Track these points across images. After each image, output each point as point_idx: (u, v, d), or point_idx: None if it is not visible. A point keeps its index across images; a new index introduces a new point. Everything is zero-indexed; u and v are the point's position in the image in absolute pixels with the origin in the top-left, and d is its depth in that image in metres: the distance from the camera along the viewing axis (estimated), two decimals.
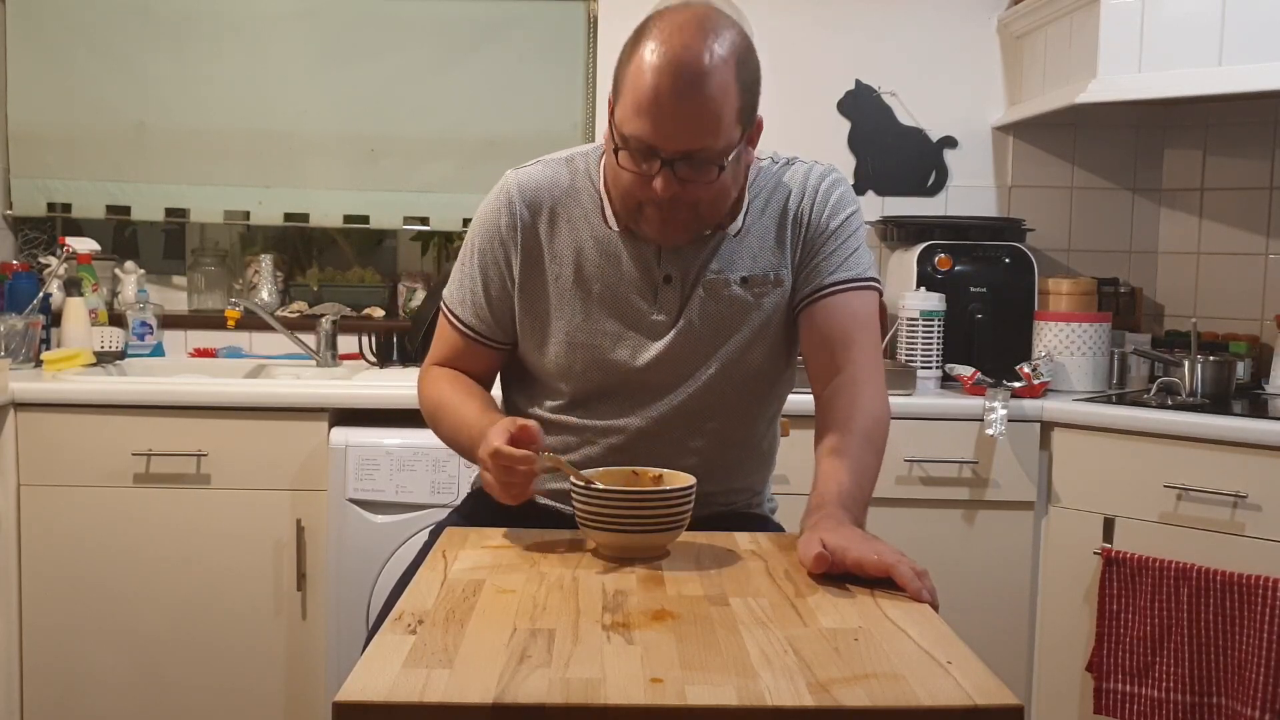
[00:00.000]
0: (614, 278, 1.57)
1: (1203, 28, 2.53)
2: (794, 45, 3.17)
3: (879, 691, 0.96)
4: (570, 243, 1.58)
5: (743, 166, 1.57)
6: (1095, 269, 3.17)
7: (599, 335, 1.58)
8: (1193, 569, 2.30)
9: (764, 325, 1.59)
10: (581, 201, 1.59)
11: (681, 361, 1.58)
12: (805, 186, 1.62)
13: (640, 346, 1.58)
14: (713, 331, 1.57)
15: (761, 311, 1.58)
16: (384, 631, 1.10)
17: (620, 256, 1.57)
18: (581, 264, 1.58)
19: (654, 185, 1.44)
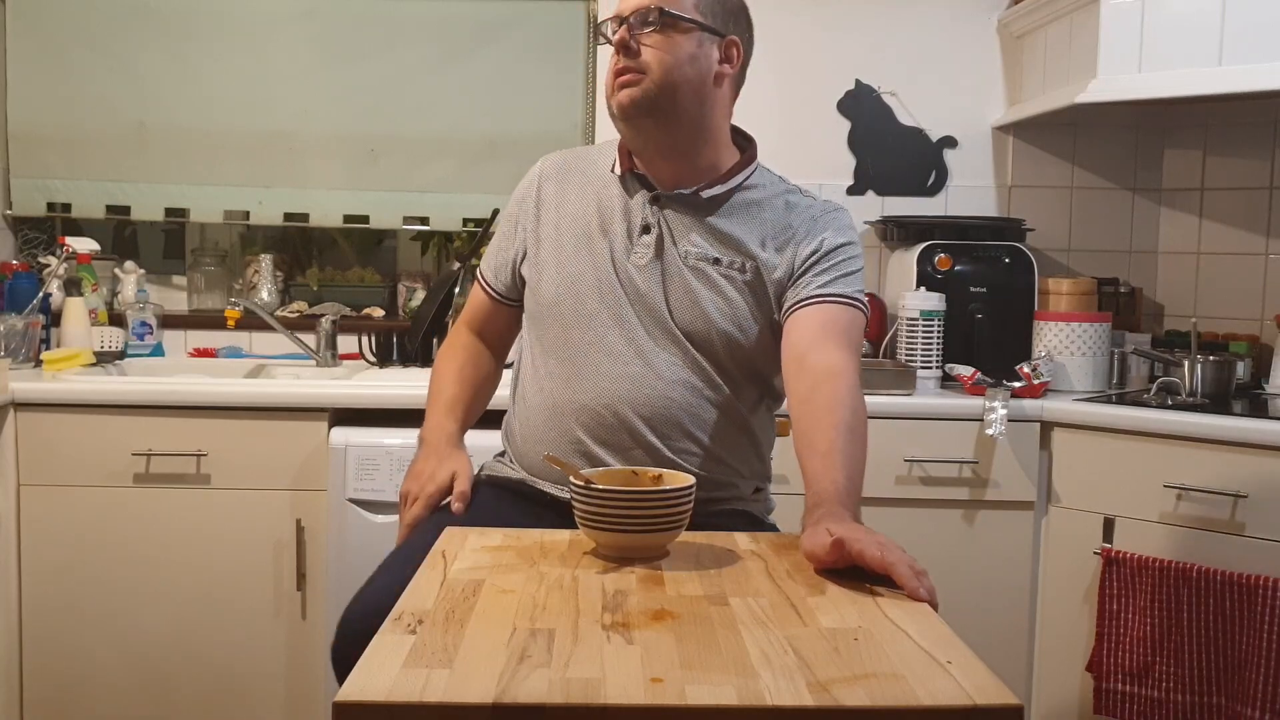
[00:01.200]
0: (603, 220, 1.70)
1: (1203, 28, 2.53)
2: (794, 45, 3.17)
3: (879, 691, 0.96)
4: (577, 195, 1.75)
5: (707, 65, 1.67)
6: (1095, 269, 3.17)
7: (585, 276, 1.70)
8: (1193, 569, 2.30)
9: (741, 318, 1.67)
10: (598, 164, 1.77)
11: (652, 311, 1.67)
12: (814, 213, 1.72)
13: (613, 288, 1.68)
14: (679, 296, 1.67)
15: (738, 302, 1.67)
16: (384, 631, 1.10)
17: (615, 201, 1.71)
18: (581, 211, 1.73)
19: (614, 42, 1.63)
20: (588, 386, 1.68)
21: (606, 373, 1.67)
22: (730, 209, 1.70)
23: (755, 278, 1.67)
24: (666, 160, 1.69)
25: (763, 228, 1.69)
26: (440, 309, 2.99)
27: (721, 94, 1.71)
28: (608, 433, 1.66)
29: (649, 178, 1.70)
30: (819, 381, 1.54)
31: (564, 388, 1.69)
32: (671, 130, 1.65)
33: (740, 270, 1.67)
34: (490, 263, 1.86)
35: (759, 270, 1.67)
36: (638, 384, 1.66)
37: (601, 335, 1.68)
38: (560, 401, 1.70)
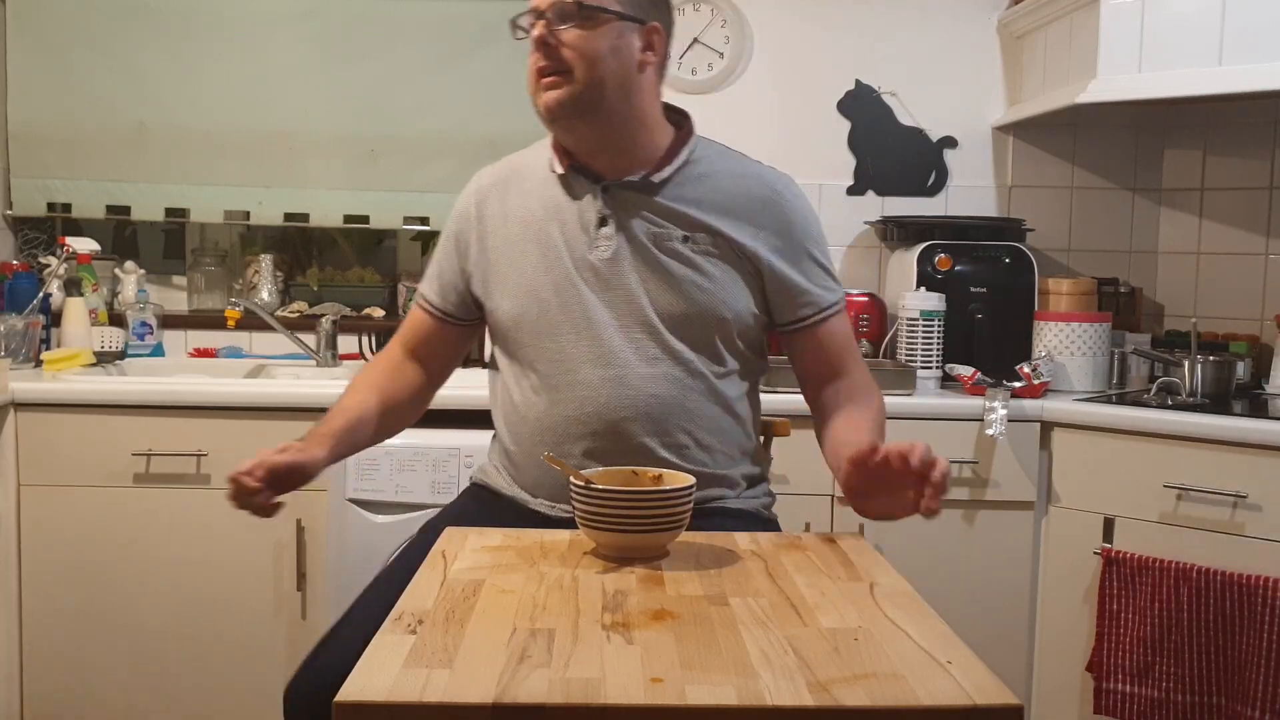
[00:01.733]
0: (555, 224, 1.66)
1: (1203, 28, 2.53)
2: (794, 45, 3.17)
3: (879, 691, 0.96)
4: (520, 204, 1.70)
5: (630, 55, 1.61)
6: (1095, 269, 3.17)
7: (545, 285, 1.65)
8: (1193, 569, 2.30)
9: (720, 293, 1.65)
10: (536, 167, 1.73)
11: (622, 305, 1.64)
12: (778, 187, 1.72)
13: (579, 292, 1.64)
14: (653, 283, 1.64)
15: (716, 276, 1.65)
16: (384, 631, 1.10)
17: (562, 201, 1.67)
18: (528, 218, 1.69)
19: (532, 38, 1.59)
20: (571, 399, 1.63)
21: (585, 380, 1.63)
22: (682, 186, 1.66)
23: (729, 251, 1.65)
24: (604, 152, 1.65)
25: (721, 199, 1.66)
26: None
27: (647, 80, 1.65)
28: (600, 441, 1.63)
29: (592, 169, 1.66)
30: (848, 390, 1.75)
31: (548, 405, 1.65)
32: (602, 126, 1.62)
33: (713, 245, 1.64)
34: (433, 283, 1.80)
35: (730, 243, 1.65)
36: (621, 386, 1.62)
37: (574, 343, 1.64)
38: (547, 420, 1.65)
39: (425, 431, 2.47)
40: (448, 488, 2.46)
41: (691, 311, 1.63)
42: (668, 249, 1.63)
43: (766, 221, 1.67)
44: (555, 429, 1.65)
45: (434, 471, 2.46)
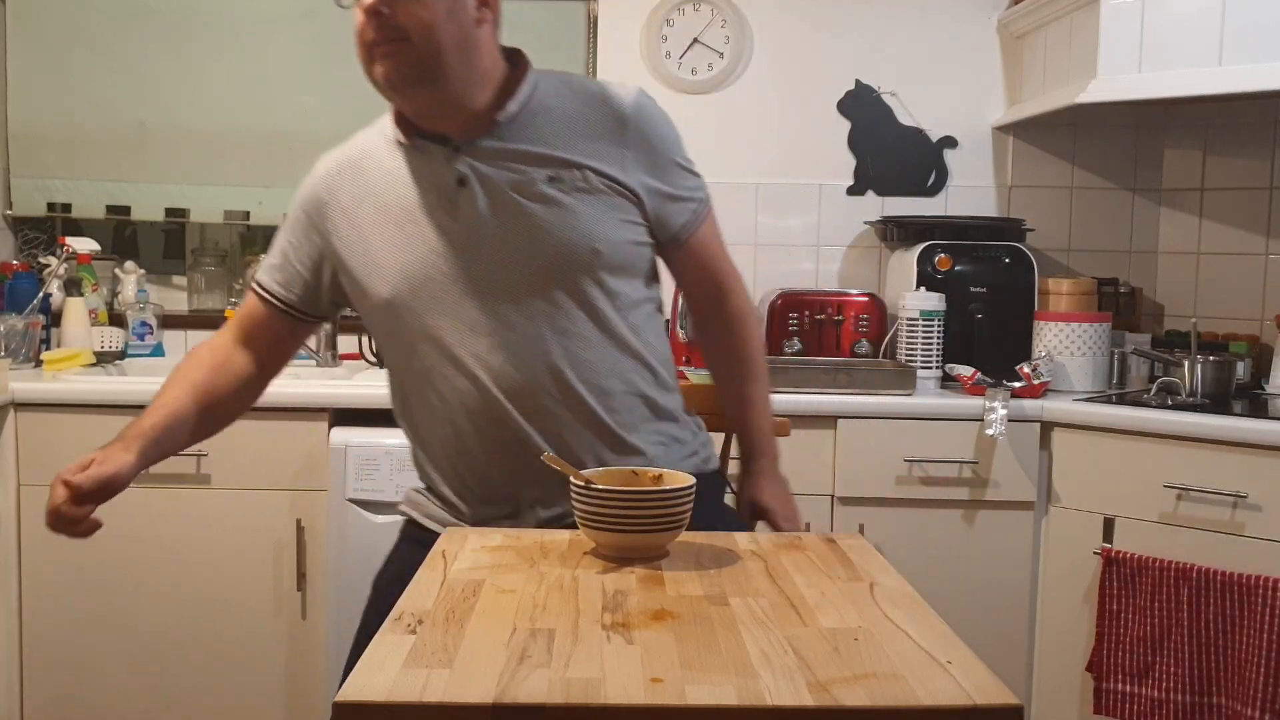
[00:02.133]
0: (413, 198, 1.57)
1: (1203, 28, 2.53)
2: (794, 45, 3.17)
3: (879, 691, 0.96)
4: (371, 184, 1.61)
5: (466, 15, 1.51)
6: (1095, 269, 3.17)
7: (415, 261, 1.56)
8: (1193, 569, 2.30)
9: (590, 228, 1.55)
10: (380, 143, 1.63)
11: (496, 263, 1.54)
12: (631, 102, 1.61)
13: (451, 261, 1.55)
14: (522, 234, 1.54)
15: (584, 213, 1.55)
16: (384, 631, 1.10)
17: (415, 172, 1.58)
18: (384, 197, 1.59)
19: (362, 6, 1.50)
20: (458, 380, 1.56)
21: (470, 355, 1.55)
22: (532, 125, 1.56)
23: (598, 181, 1.55)
24: (449, 115, 1.55)
25: (578, 129, 1.56)
26: None
27: (485, 35, 1.55)
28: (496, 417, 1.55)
29: (440, 133, 1.56)
30: (727, 323, 1.76)
31: (437, 393, 1.58)
32: (443, 90, 1.51)
33: (582, 179, 1.54)
34: (276, 273, 1.70)
35: (598, 174, 1.55)
36: (508, 353, 1.54)
37: (452, 318, 1.55)
38: (443, 411, 1.58)
39: None
40: None
41: (569, 254, 1.53)
42: (532, 194, 1.53)
43: (630, 140, 1.58)
44: (450, 415, 1.58)
45: None
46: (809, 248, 3.19)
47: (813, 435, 2.56)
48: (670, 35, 3.14)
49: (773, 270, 3.18)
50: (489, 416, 1.56)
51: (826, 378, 2.64)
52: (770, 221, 3.19)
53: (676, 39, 3.14)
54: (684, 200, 1.66)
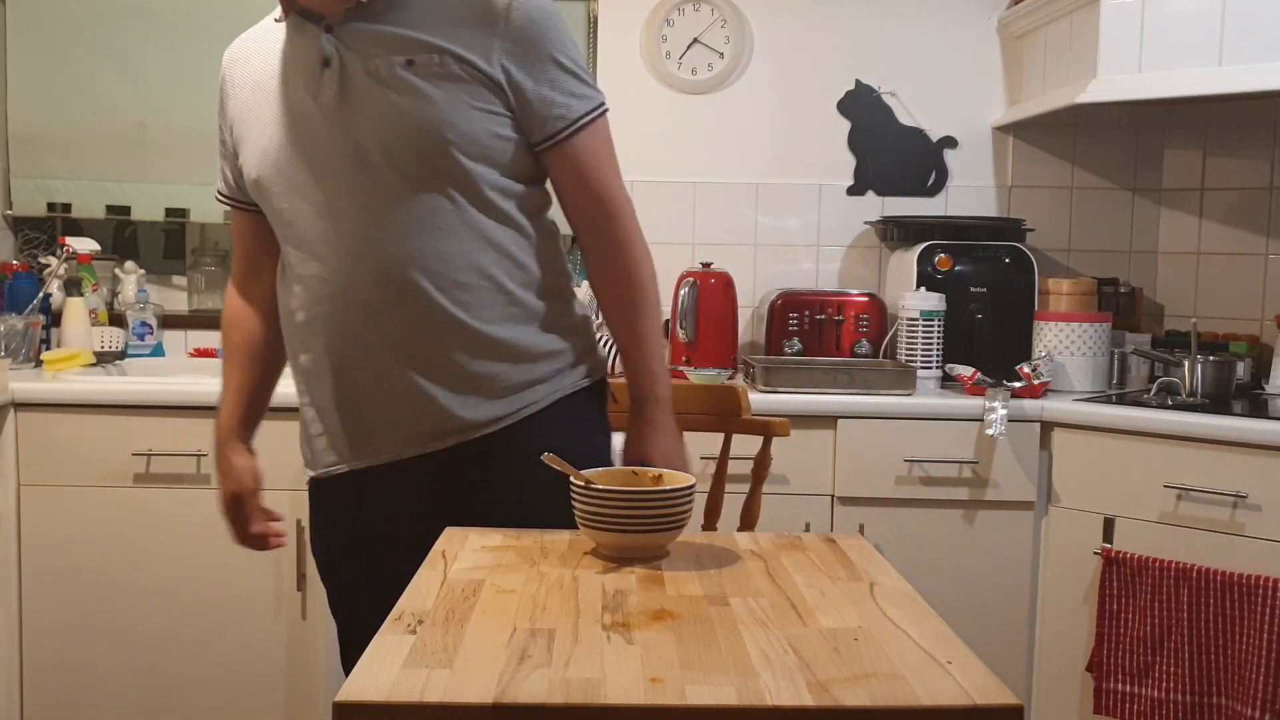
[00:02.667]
0: (283, 77, 1.56)
1: (1203, 28, 2.53)
2: (794, 45, 3.17)
3: (879, 691, 0.96)
4: (257, 65, 1.62)
5: None
6: (1095, 269, 3.17)
7: (275, 140, 1.56)
8: (1193, 569, 2.30)
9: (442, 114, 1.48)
10: (269, 26, 1.63)
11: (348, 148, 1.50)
12: None
13: (306, 143, 1.53)
14: (374, 119, 1.49)
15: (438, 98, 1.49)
16: (384, 631, 1.10)
17: (290, 51, 1.56)
18: (262, 77, 1.60)
19: None
20: (311, 271, 1.54)
21: (320, 240, 1.52)
22: (405, 7, 1.51)
23: (459, 68, 1.48)
24: None
25: (449, 13, 1.50)
26: None
27: None
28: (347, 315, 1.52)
29: (314, 12, 1.53)
30: (611, 251, 1.61)
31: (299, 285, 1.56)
32: None
33: (440, 65, 1.48)
34: (221, 176, 1.76)
35: (459, 60, 1.49)
36: (358, 241, 1.50)
37: (307, 203, 1.53)
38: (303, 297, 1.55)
39: None
40: None
41: (419, 141, 1.48)
42: (387, 78, 1.48)
43: (501, 29, 1.49)
44: (301, 306, 1.56)
45: None
46: (809, 248, 3.19)
47: (813, 435, 2.56)
48: (670, 35, 3.14)
49: (773, 270, 3.18)
50: (331, 307, 1.53)
51: (826, 378, 2.64)
52: (770, 221, 3.19)
53: (676, 39, 3.14)
54: (556, 102, 1.52)
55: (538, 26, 1.51)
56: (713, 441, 2.16)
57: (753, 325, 3.16)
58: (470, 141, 1.49)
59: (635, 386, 1.63)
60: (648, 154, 3.16)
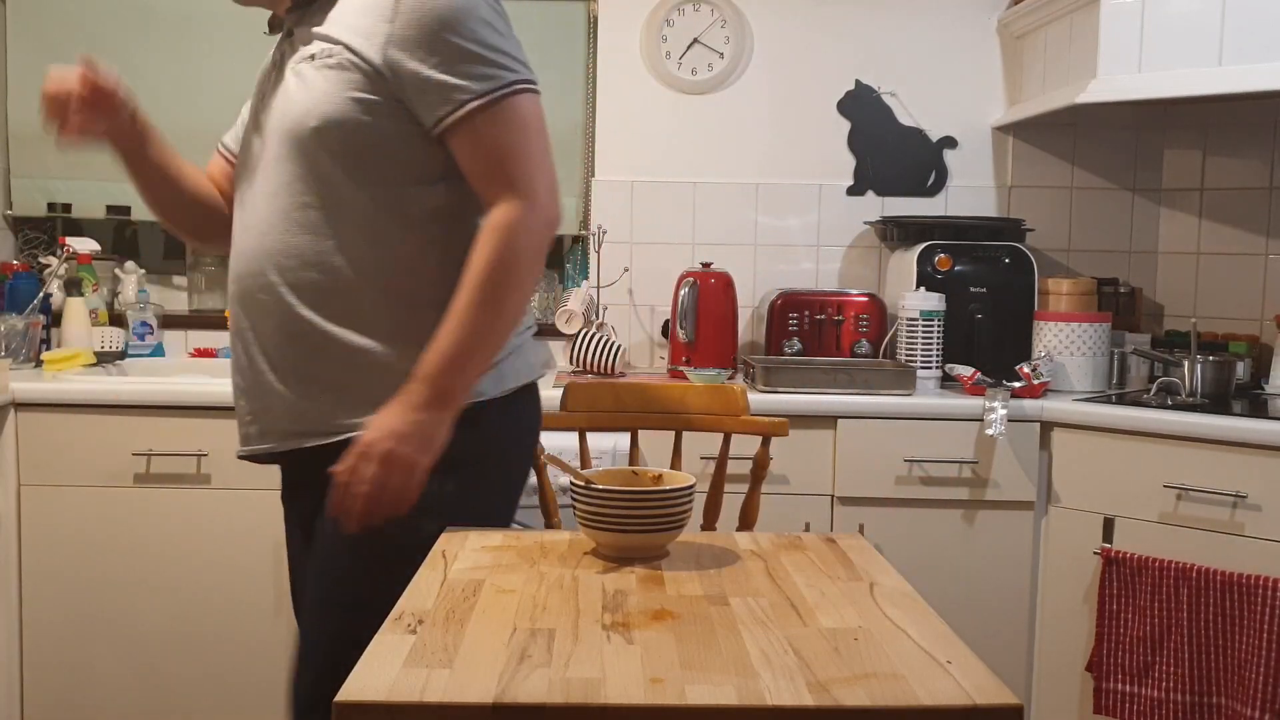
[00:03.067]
0: (261, 78, 1.64)
1: (1203, 28, 2.53)
2: (794, 45, 3.17)
3: (879, 691, 0.96)
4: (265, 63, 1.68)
5: None
6: (1095, 269, 3.17)
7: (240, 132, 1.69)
8: (1193, 569, 2.30)
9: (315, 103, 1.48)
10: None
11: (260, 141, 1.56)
12: None
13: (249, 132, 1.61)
14: (278, 112, 1.54)
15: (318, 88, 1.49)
16: (384, 631, 1.10)
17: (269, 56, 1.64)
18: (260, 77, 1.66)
19: None
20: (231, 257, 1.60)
21: (236, 233, 1.57)
22: (331, 6, 1.53)
23: (344, 58, 1.47)
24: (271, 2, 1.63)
25: (357, 6, 1.50)
26: None
27: None
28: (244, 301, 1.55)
29: (279, 17, 1.64)
30: (484, 229, 1.47)
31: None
32: None
33: (331, 55, 1.48)
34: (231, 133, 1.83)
35: (347, 49, 1.47)
36: (245, 234, 1.55)
37: (240, 192, 1.60)
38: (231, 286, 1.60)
39: None
40: None
41: (295, 130, 1.49)
42: (294, 71, 1.53)
43: (399, 16, 1.45)
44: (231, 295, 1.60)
45: None
46: (809, 248, 3.20)
47: (813, 435, 2.56)
48: (670, 35, 3.14)
49: (773, 270, 3.18)
50: (231, 293, 1.58)
51: (826, 378, 2.64)
52: (770, 221, 3.19)
53: (676, 39, 3.14)
54: (448, 84, 1.45)
55: (432, 12, 1.44)
56: (712, 441, 2.17)
57: (753, 325, 3.16)
58: (340, 130, 1.46)
59: (423, 358, 1.46)
60: (648, 154, 3.16)
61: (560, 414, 2.12)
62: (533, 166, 1.48)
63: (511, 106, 1.47)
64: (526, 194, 1.46)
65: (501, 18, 1.52)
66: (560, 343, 3.16)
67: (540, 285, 3.25)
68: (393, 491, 1.44)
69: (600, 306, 3.11)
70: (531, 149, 1.48)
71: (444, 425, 1.46)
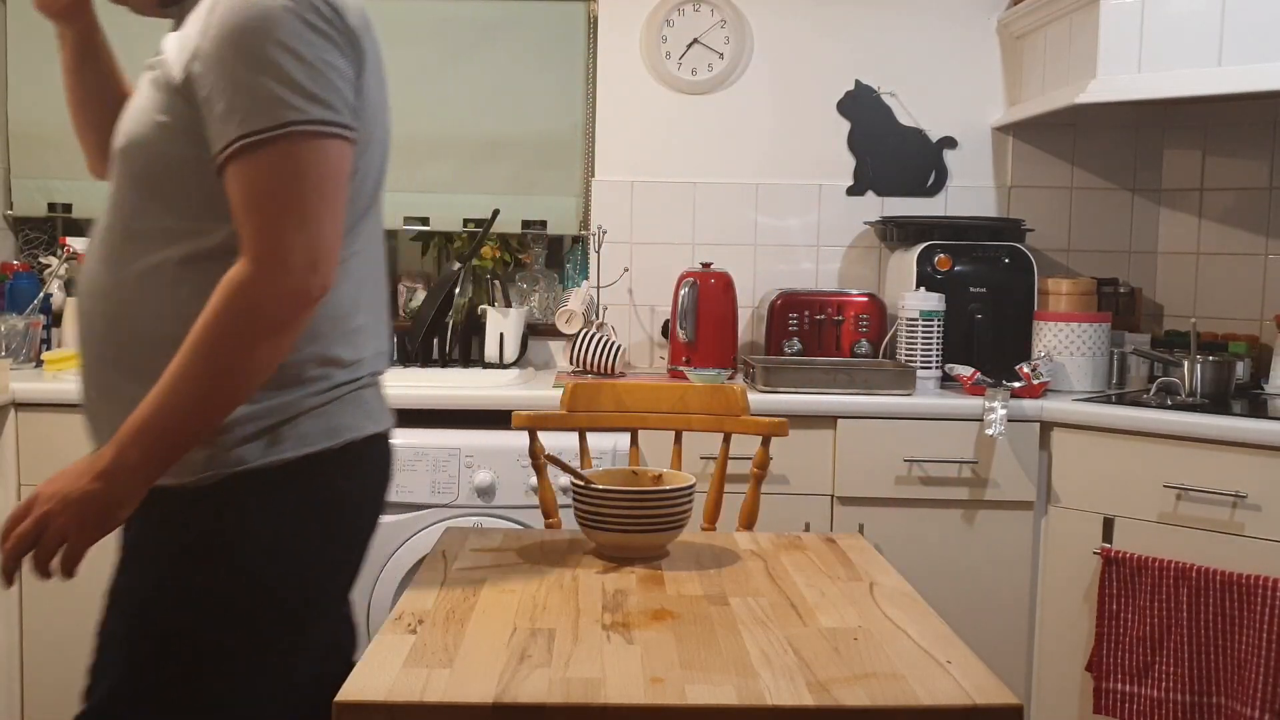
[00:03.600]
0: None
1: (1203, 28, 2.53)
2: (794, 46, 3.17)
3: (879, 691, 0.96)
4: None
5: None
6: (1095, 269, 3.17)
7: None
8: (1192, 569, 2.30)
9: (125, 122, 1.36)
10: None
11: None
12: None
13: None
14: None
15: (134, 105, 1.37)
16: (384, 631, 1.10)
17: None
18: None
19: None
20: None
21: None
22: (182, 19, 1.43)
23: (163, 71, 1.33)
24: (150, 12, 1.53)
25: (193, 17, 1.35)
26: (441, 309, 2.99)
27: None
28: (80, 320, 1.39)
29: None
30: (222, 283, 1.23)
31: None
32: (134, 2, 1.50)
33: (154, 68, 1.36)
34: None
35: (164, 63, 1.34)
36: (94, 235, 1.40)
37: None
38: None
39: (425, 431, 2.48)
40: (447, 488, 2.46)
41: (115, 147, 1.36)
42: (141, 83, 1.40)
43: (204, 30, 1.27)
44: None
45: (434, 471, 2.46)
46: (809, 248, 3.20)
47: (813, 435, 2.56)
48: (670, 35, 3.14)
49: (773, 270, 3.18)
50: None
51: (826, 378, 2.64)
52: (770, 221, 3.19)
53: (676, 39, 3.15)
54: (226, 115, 1.23)
55: (230, 25, 1.23)
56: (712, 441, 2.17)
57: (753, 325, 3.16)
58: (140, 151, 1.31)
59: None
60: (648, 154, 3.16)
61: (560, 414, 2.12)
62: (289, 225, 1.22)
63: (284, 151, 1.22)
64: (269, 255, 1.22)
65: (321, 37, 1.25)
66: (560, 343, 3.16)
67: (541, 285, 3.25)
68: (42, 557, 1.33)
69: (600, 306, 3.11)
70: (295, 204, 1.22)
71: (123, 499, 1.29)
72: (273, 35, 1.22)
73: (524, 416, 2.05)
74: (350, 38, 1.30)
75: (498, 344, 2.99)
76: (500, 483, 2.46)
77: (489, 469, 2.46)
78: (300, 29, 1.24)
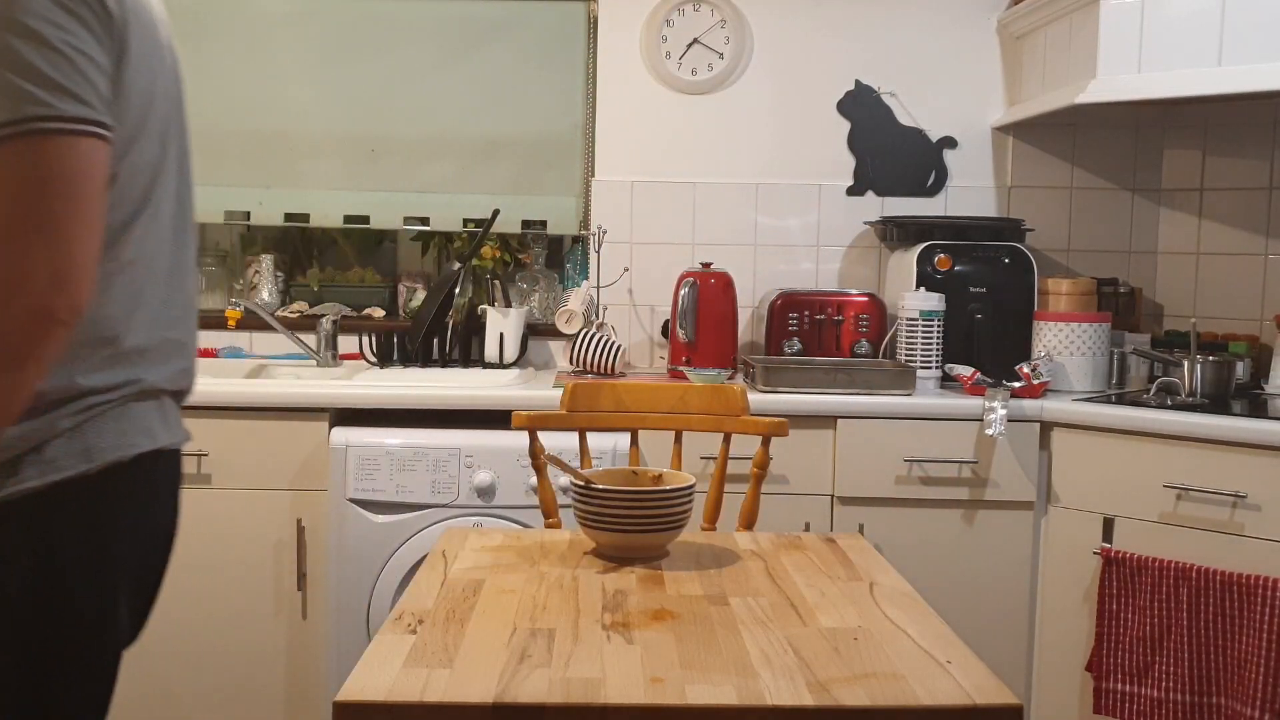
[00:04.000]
0: None
1: (1203, 28, 2.53)
2: (794, 46, 3.17)
3: (879, 691, 0.96)
4: None
5: None
6: (1095, 269, 3.17)
7: None
8: (1192, 569, 2.30)
9: None
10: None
11: None
12: None
13: None
14: None
15: None
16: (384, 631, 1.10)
17: None
18: None
19: None
20: None
21: None
22: None
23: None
24: None
25: None
26: (441, 309, 2.99)
27: None
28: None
29: None
30: None
31: None
32: None
33: None
34: None
35: None
36: None
37: None
38: None
39: (425, 431, 2.48)
40: (447, 488, 2.46)
41: None
42: None
43: None
44: None
45: (434, 471, 2.46)
46: (809, 248, 3.20)
47: (813, 435, 2.56)
48: (670, 35, 3.14)
49: (773, 270, 3.18)
50: None
51: (826, 378, 2.64)
52: (770, 221, 3.19)
53: (676, 39, 3.15)
54: None
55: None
56: (712, 441, 2.17)
57: (753, 325, 3.16)
58: None
59: None
60: (648, 154, 3.16)
61: (560, 414, 2.12)
62: (29, 236, 1.06)
63: (24, 151, 1.06)
64: (6, 273, 1.05)
65: (73, 18, 1.09)
66: (560, 343, 3.16)
67: (541, 285, 3.25)
68: None
69: (600, 306, 3.11)
70: (37, 212, 1.06)
71: None
72: (12, 15, 1.05)
73: (524, 416, 2.05)
74: (107, 22, 1.12)
75: (498, 344, 2.99)
76: (500, 483, 2.47)
77: (489, 469, 2.46)
78: (47, 7, 1.07)
